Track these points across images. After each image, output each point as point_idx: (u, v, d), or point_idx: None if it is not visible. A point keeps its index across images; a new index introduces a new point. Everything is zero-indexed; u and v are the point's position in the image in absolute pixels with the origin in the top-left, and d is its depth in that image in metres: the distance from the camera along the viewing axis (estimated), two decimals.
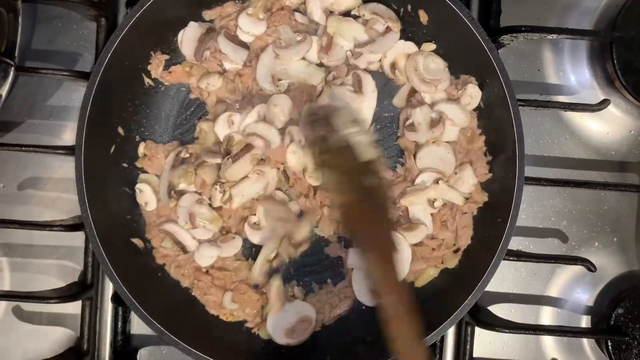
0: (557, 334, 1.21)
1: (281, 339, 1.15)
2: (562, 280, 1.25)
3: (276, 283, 1.18)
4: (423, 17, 1.18)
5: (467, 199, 1.16)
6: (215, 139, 1.19)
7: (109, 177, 1.16)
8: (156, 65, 1.20)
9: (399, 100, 1.23)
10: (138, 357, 1.22)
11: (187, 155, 1.20)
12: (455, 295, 1.08)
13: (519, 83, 1.26)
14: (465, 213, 1.17)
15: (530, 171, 1.22)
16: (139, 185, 1.19)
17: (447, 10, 1.08)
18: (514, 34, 1.15)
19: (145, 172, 1.21)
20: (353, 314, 1.20)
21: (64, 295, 1.16)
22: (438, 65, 1.18)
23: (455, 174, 1.16)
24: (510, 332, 1.16)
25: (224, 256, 1.18)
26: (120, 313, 1.20)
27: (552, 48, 1.27)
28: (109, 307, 1.19)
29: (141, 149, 1.20)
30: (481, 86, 1.14)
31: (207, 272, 1.19)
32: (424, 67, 1.18)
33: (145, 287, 1.12)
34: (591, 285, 1.25)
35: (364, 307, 1.19)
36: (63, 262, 1.23)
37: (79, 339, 1.20)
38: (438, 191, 1.16)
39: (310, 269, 1.21)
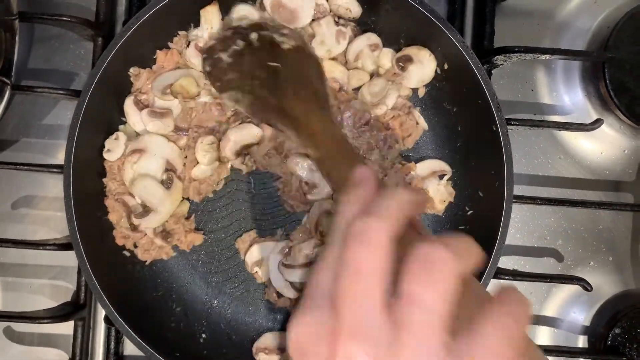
0: (553, 354, 1.19)
1: None
2: (558, 300, 1.25)
3: None
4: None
5: None
6: None
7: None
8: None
9: None
10: None
11: None
12: None
13: (513, 103, 1.26)
14: None
15: (524, 190, 1.22)
16: (118, 133, 1.14)
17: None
18: (508, 55, 1.16)
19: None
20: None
21: (56, 315, 1.15)
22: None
23: None
24: None
25: None
26: (113, 334, 1.18)
27: (546, 69, 1.28)
28: (101, 327, 1.18)
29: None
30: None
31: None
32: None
33: (136, 308, 1.11)
34: (587, 304, 1.25)
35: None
36: (56, 282, 1.22)
37: None
38: None
39: None
